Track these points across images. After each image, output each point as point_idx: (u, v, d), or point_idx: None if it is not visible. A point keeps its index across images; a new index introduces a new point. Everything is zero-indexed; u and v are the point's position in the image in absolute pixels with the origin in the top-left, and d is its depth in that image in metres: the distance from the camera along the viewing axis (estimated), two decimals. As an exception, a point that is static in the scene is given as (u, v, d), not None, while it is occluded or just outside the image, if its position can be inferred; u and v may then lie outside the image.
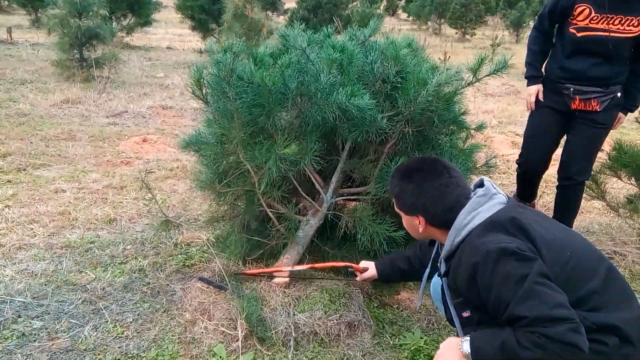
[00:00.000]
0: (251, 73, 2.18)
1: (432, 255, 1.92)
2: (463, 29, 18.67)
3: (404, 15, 27.00)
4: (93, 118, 5.79)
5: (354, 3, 17.75)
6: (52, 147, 4.71)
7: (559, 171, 3.15)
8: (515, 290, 1.44)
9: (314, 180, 2.49)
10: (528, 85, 3.11)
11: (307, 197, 2.50)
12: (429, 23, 21.68)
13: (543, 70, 3.09)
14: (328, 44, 2.37)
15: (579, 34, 2.81)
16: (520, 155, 3.26)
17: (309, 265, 2.33)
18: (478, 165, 2.62)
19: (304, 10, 12.71)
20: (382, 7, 24.04)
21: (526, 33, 18.82)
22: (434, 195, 1.70)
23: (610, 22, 2.73)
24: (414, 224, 1.78)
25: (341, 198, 2.53)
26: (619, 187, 3.88)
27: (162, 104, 6.49)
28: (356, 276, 2.30)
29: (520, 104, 7.63)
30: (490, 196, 1.68)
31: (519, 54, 12.24)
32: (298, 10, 12.93)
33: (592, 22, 2.76)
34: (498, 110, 7.34)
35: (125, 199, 3.67)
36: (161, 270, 2.68)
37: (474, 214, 1.63)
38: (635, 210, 3.26)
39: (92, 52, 7.75)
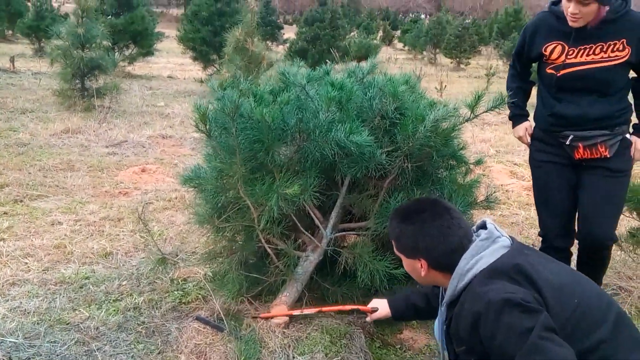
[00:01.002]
0: (251, 110, 2.18)
1: (440, 299, 1.86)
2: (458, 59, 18.94)
3: (399, 45, 27.42)
4: (92, 148, 5.79)
5: (352, 34, 18.06)
6: (50, 178, 4.69)
7: (578, 236, 2.66)
8: (519, 344, 1.39)
9: (313, 215, 2.46)
10: (514, 126, 2.79)
11: (306, 232, 2.47)
12: (425, 53, 21.98)
13: (532, 119, 2.74)
14: (327, 82, 2.39)
15: (559, 73, 2.47)
16: (540, 228, 2.79)
17: (316, 309, 2.27)
18: (479, 200, 2.59)
19: (302, 42, 12.92)
20: (378, 38, 24.42)
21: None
22: (436, 237, 1.65)
23: (591, 52, 2.40)
24: (416, 268, 1.73)
25: (341, 233, 2.50)
26: (620, 220, 3.84)
27: (162, 133, 6.50)
28: (366, 316, 2.22)
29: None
30: (494, 239, 1.64)
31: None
32: (297, 41, 13.14)
33: (569, 57, 2.43)
34: (495, 139, 7.36)
35: (122, 231, 3.63)
36: (156, 308, 2.63)
37: (477, 259, 1.59)
38: (638, 244, 3.23)
39: (94, 82, 7.82)
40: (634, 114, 2.59)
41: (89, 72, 7.65)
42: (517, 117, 2.77)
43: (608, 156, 2.47)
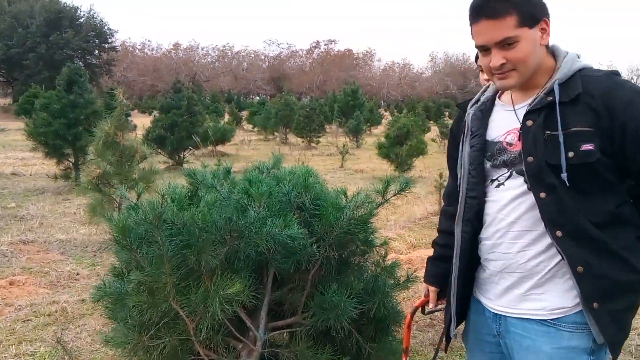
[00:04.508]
0: (174, 215, 2.14)
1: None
2: (308, 138, 19.95)
3: (249, 127, 27.73)
4: None
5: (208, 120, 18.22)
6: None
7: None
8: None
9: (242, 317, 2.41)
10: None
11: (240, 336, 2.39)
12: (276, 133, 22.81)
13: None
14: (245, 179, 2.45)
15: None
16: None
17: None
18: (402, 281, 2.70)
19: (159, 129, 12.65)
20: (224, 120, 24.51)
21: (365, 139, 20.64)
22: None
23: None
24: (535, 39, 1.41)
25: (274, 332, 2.47)
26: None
27: (22, 239, 5.80)
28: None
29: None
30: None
31: (362, 158, 13.30)
32: (153, 129, 12.82)
33: None
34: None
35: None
36: None
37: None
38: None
39: None
40: None
41: None
42: None
43: None
